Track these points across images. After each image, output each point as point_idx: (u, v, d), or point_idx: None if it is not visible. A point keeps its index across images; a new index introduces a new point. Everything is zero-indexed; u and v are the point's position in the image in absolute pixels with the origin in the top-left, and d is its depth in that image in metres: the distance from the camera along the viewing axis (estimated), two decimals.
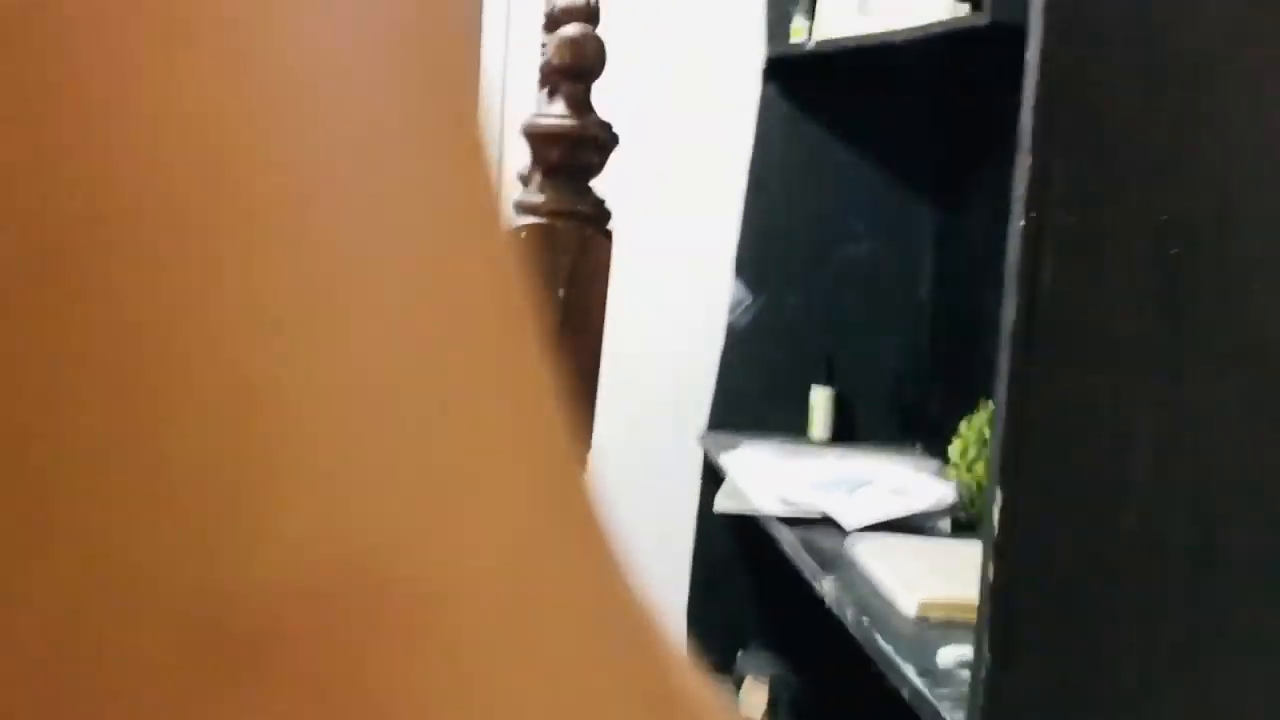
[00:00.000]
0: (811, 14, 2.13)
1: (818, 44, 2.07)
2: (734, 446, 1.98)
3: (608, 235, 0.69)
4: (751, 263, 2.20)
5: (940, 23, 1.86)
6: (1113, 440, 0.83)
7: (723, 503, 1.58)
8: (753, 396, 2.19)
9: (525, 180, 1.15)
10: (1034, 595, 0.84)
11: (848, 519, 1.46)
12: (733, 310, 2.20)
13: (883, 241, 2.19)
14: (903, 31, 1.92)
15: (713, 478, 2.12)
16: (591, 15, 0.83)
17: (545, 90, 0.86)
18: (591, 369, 0.69)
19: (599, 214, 0.69)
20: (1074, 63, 0.79)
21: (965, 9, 1.85)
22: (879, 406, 2.19)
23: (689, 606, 2.18)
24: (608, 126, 0.70)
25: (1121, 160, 0.79)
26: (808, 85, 2.20)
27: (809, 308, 2.19)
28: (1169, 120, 0.80)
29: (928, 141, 2.15)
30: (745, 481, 1.63)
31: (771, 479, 1.63)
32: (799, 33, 2.14)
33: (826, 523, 1.50)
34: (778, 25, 2.18)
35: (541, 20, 0.96)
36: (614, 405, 0.84)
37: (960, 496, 1.54)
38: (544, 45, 1.01)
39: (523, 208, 0.69)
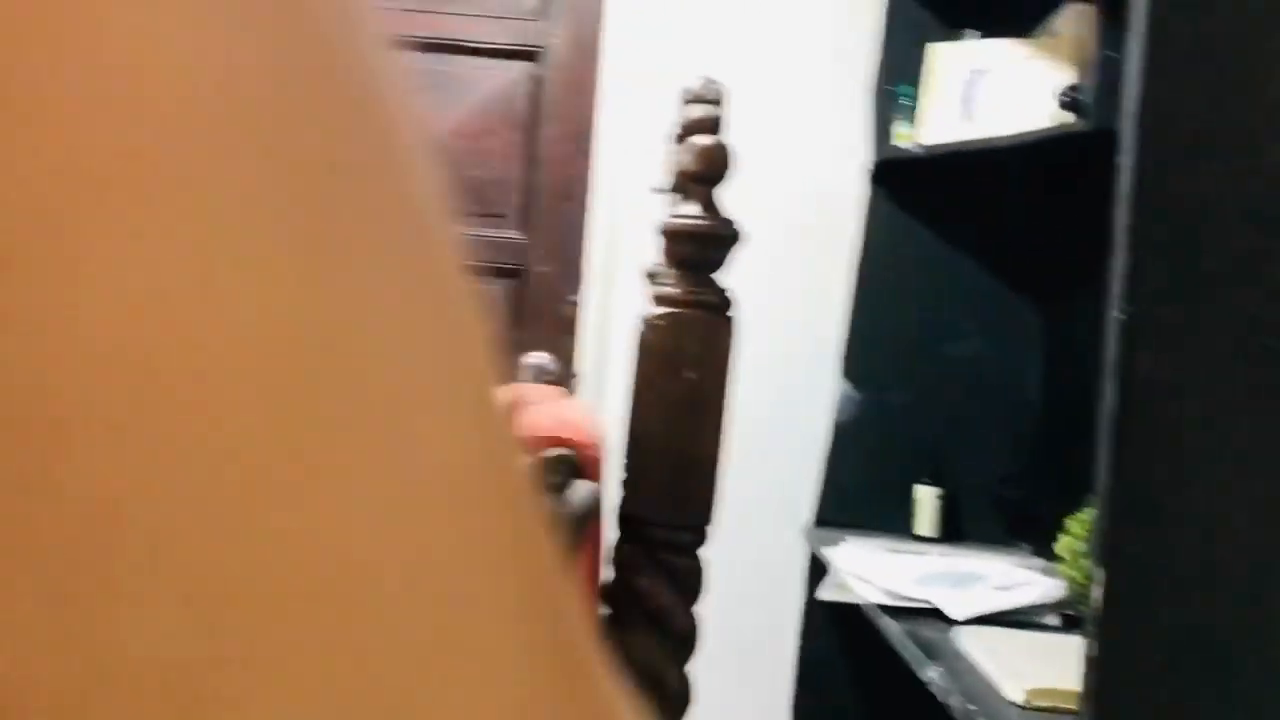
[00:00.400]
0: (916, 120, 2.20)
1: (923, 148, 2.14)
2: (836, 542, 2.01)
3: (731, 322, 0.76)
4: (858, 361, 2.25)
5: (1043, 130, 1.92)
6: (1209, 526, 0.85)
7: (827, 593, 1.61)
8: (858, 493, 2.22)
9: (653, 276, 1.23)
10: (1135, 674, 0.87)
11: (954, 610, 1.48)
12: (839, 408, 2.24)
13: (989, 340, 2.22)
14: (1007, 137, 1.99)
15: (817, 572, 2.14)
16: (716, 127, 0.91)
17: (675, 191, 0.94)
18: (715, 450, 0.75)
19: (724, 303, 0.76)
20: (1166, 166, 0.85)
21: (1068, 116, 1.91)
22: (985, 505, 2.19)
23: (795, 698, 2.20)
24: (731, 224, 0.77)
25: (1213, 257, 0.84)
26: (912, 188, 2.26)
27: (915, 406, 2.23)
28: (1258, 219, 0.85)
29: (1032, 241, 2.19)
30: (850, 573, 1.66)
31: (876, 572, 1.66)
32: (904, 138, 2.21)
33: (932, 614, 1.52)
34: (883, 131, 2.26)
35: (674, 130, 1.05)
36: (721, 497, 0.90)
37: (1068, 593, 1.55)
38: (673, 152, 1.10)
39: (657, 299, 0.77)
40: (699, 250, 0.77)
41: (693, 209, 0.77)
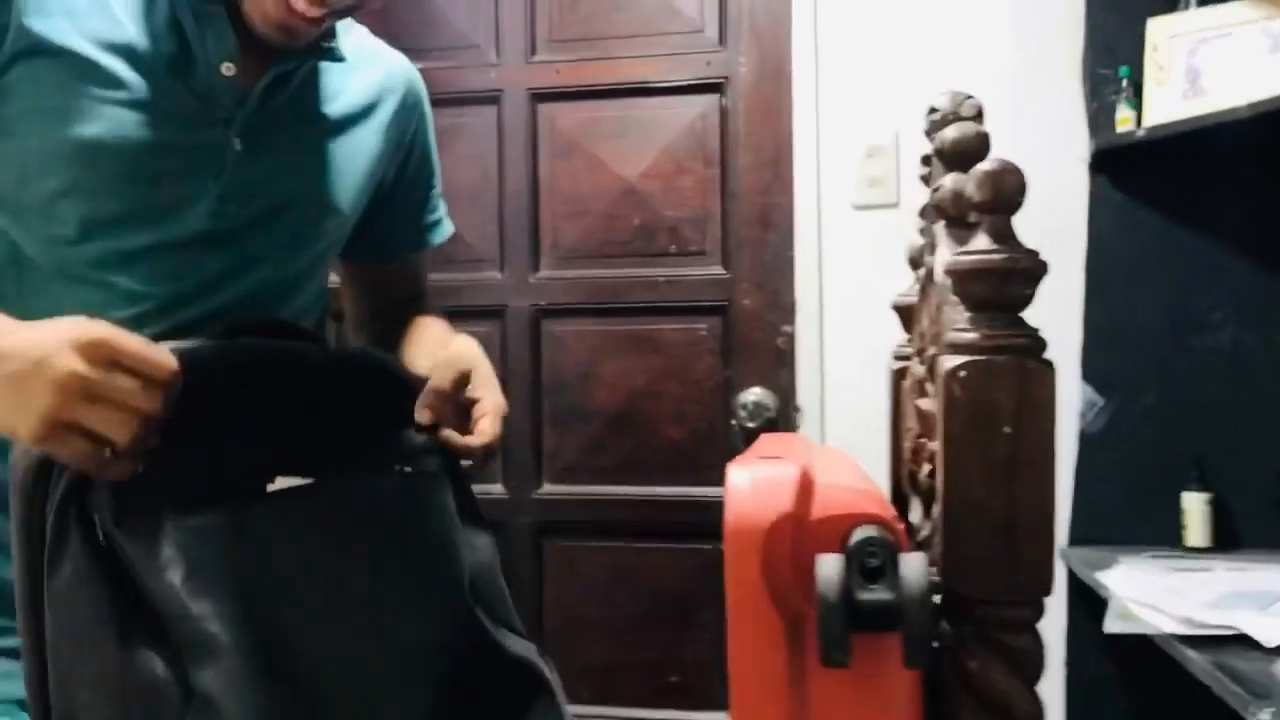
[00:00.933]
0: (1137, 102, 2.05)
1: (1149, 130, 1.99)
2: (1105, 563, 1.86)
3: (1049, 366, 0.68)
4: (1099, 364, 2.09)
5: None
6: None
7: (1115, 624, 1.48)
8: (1116, 506, 2.07)
9: (902, 310, 1.15)
10: None
11: (1267, 636, 1.33)
12: (1084, 416, 2.09)
13: (1244, 328, 2.03)
14: (1244, 108, 1.82)
15: (1079, 595, 2.00)
16: (984, 147, 0.83)
17: (942, 224, 0.86)
18: (1044, 510, 0.67)
19: (1036, 345, 0.68)
20: None
21: None
22: (1262, 507, 2.00)
23: None
24: (1035, 255, 0.69)
25: None
26: (1139, 174, 2.10)
27: (1169, 407, 2.06)
28: None
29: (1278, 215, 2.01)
30: (1133, 600, 1.53)
31: (1164, 597, 1.52)
32: (1125, 121, 2.06)
33: (1237, 642, 1.37)
34: (1101, 116, 2.11)
35: (927, 155, 0.97)
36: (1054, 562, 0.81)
37: None
38: (925, 178, 1.02)
39: (956, 346, 0.69)
40: (998, 289, 0.69)
41: (984, 243, 0.69)
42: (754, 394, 2.26)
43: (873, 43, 2.23)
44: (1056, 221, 2.11)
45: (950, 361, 0.68)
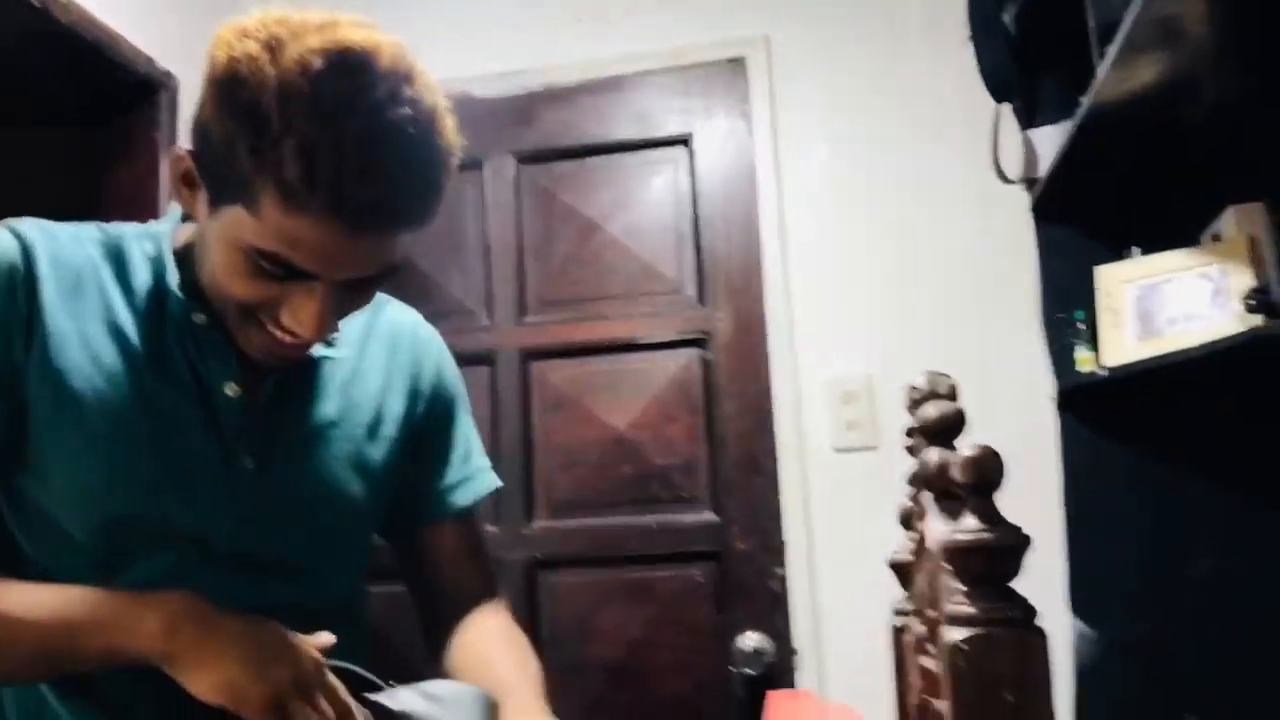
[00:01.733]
0: (1095, 343, 2.18)
1: (1109, 370, 2.11)
2: None
3: (1041, 634, 0.74)
4: (1088, 597, 2.14)
5: (1234, 335, 1.87)
6: None
7: None
8: None
9: (898, 567, 1.21)
10: None
11: None
12: (1079, 650, 2.12)
13: (1226, 556, 2.09)
14: (1196, 349, 1.94)
15: None
16: (961, 423, 0.92)
17: (929, 495, 0.93)
18: None
19: (1028, 615, 0.74)
20: None
21: (1257, 318, 1.86)
22: None
23: None
24: (1018, 531, 0.76)
25: None
26: (1105, 411, 2.21)
27: (1160, 636, 2.09)
28: None
29: (1251, 449, 2.10)
30: None
31: None
32: (1085, 362, 2.18)
33: None
34: (1062, 357, 2.24)
35: (912, 428, 1.05)
36: None
37: None
38: (910, 449, 1.10)
39: (956, 619, 0.75)
40: (990, 565, 0.75)
41: (973, 523, 0.77)
42: (751, 639, 2.28)
43: (841, 295, 2.38)
44: (1032, 460, 2.21)
45: (953, 635, 0.74)
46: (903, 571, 1.22)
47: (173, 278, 1.02)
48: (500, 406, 2.49)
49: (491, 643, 1.15)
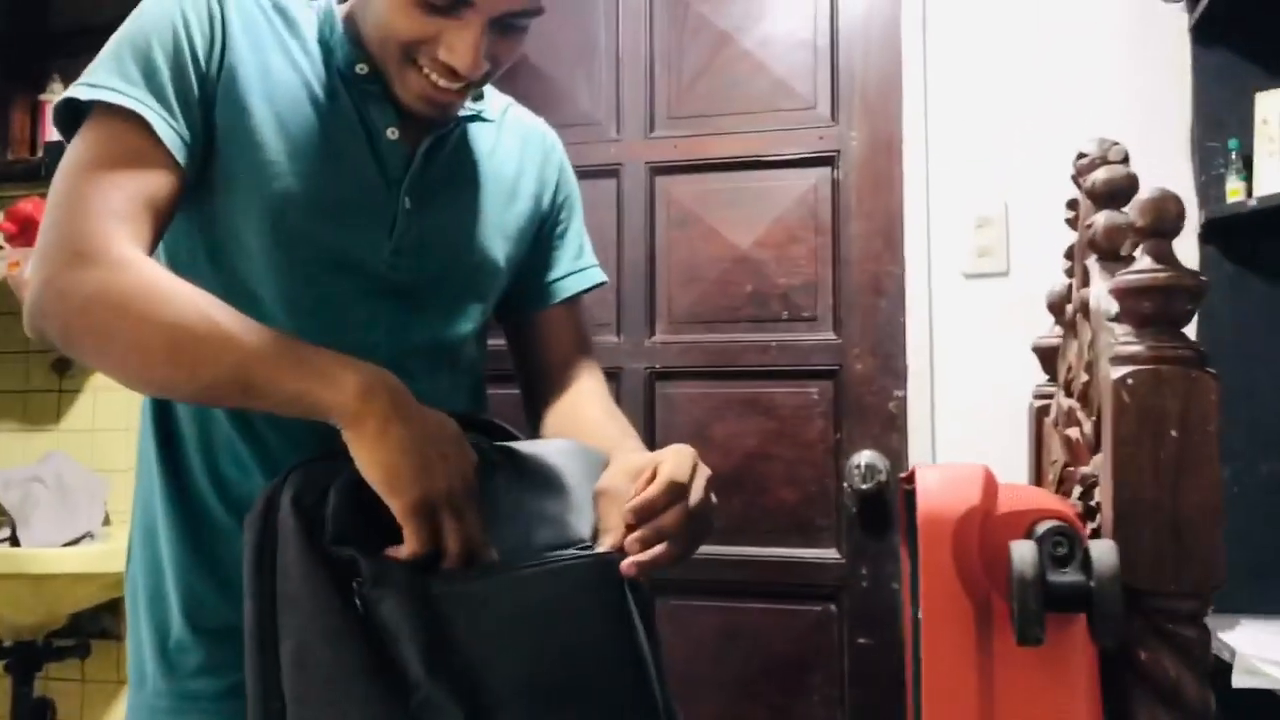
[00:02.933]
0: (1247, 174, 2.09)
1: (1260, 200, 2.02)
2: (1229, 626, 1.86)
3: (1212, 375, 0.73)
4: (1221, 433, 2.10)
5: None
6: None
7: (1243, 679, 1.49)
8: (1240, 574, 2.03)
9: (1042, 354, 1.20)
10: None
11: None
12: None
13: None
14: None
15: None
16: (1134, 186, 0.90)
17: (1094, 259, 0.92)
18: (1211, 511, 0.72)
19: (1200, 357, 0.74)
20: None
21: None
22: None
23: None
24: (1197, 275, 0.75)
25: None
26: (1249, 244, 2.13)
27: None
28: None
29: None
30: (1262, 659, 1.53)
31: None
32: (1235, 193, 2.10)
33: None
34: (1210, 188, 2.15)
35: (1072, 199, 1.03)
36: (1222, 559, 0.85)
37: None
38: (1072, 219, 1.08)
39: (1122, 359, 0.75)
40: (1164, 305, 0.74)
41: (1148, 263, 0.75)
42: (865, 456, 2.30)
43: (981, 117, 2.31)
44: None
45: (1118, 371, 0.74)
46: (1048, 355, 1.21)
47: (338, 28, 1.09)
48: (625, 220, 2.50)
49: (593, 404, 1.22)
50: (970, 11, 2.34)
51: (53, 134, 2.83)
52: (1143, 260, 0.76)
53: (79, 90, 0.97)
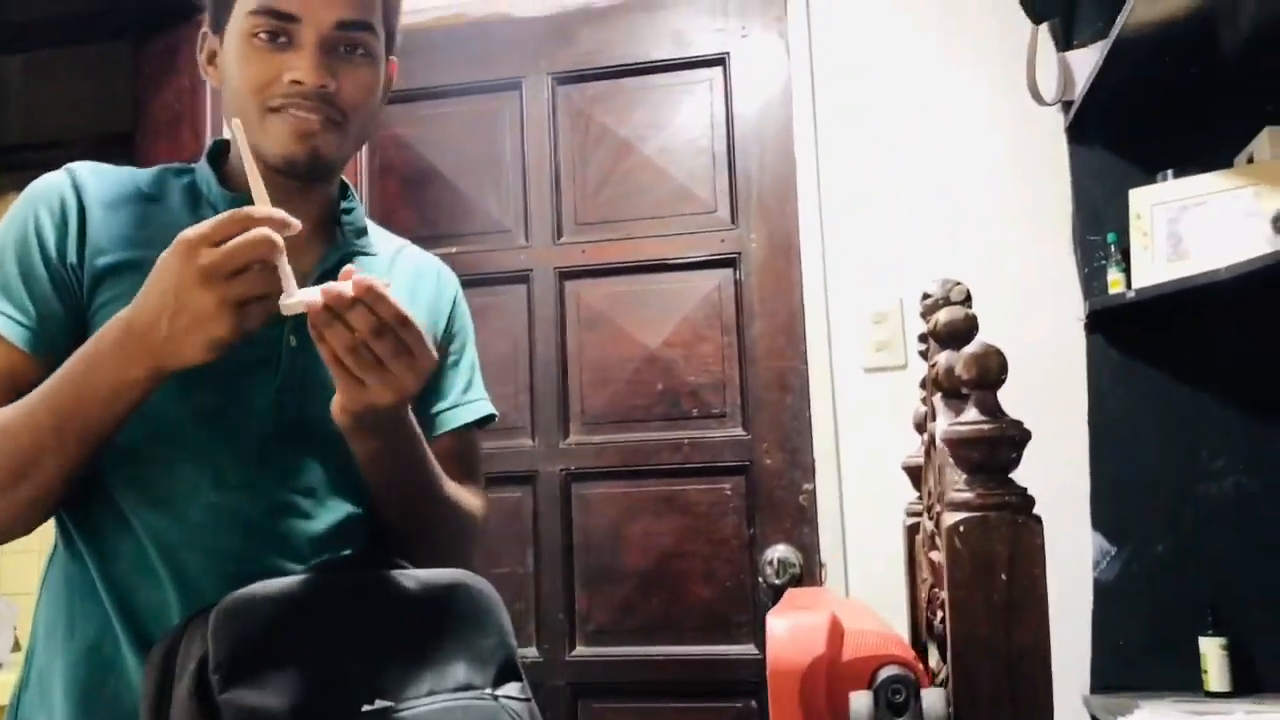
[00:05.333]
0: (1125, 265, 2.19)
1: (1138, 292, 2.12)
2: (1127, 709, 1.91)
3: (1037, 520, 0.78)
4: (1108, 514, 2.18)
5: (1263, 256, 1.88)
6: None
7: None
8: (1135, 652, 2.13)
9: (911, 471, 1.26)
10: None
11: None
12: (1097, 564, 2.17)
13: (1246, 475, 2.13)
14: (1225, 270, 1.95)
15: None
16: (972, 329, 0.96)
17: (939, 396, 0.98)
18: (1040, 647, 0.77)
19: (1025, 502, 0.79)
20: None
21: None
22: (1278, 651, 2.06)
23: None
24: (1019, 425, 0.80)
25: None
26: (1133, 332, 2.23)
27: (1180, 554, 2.14)
28: None
29: (1274, 368, 2.12)
30: None
31: None
32: (1116, 284, 2.20)
33: None
34: (1093, 279, 2.26)
35: (924, 333, 1.09)
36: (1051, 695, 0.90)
37: None
38: (923, 353, 1.14)
39: (955, 505, 0.80)
40: (990, 454, 0.80)
41: (974, 415, 0.81)
42: (779, 550, 2.34)
43: (874, 216, 2.40)
44: (1060, 379, 2.24)
45: (951, 518, 0.79)
46: (914, 474, 1.27)
47: (214, 185, 1.15)
48: (535, 324, 2.55)
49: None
50: (860, 114, 2.44)
51: None
52: (969, 412, 0.81)
53: None
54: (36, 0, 2.89)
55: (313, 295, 0.91)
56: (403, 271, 1.26)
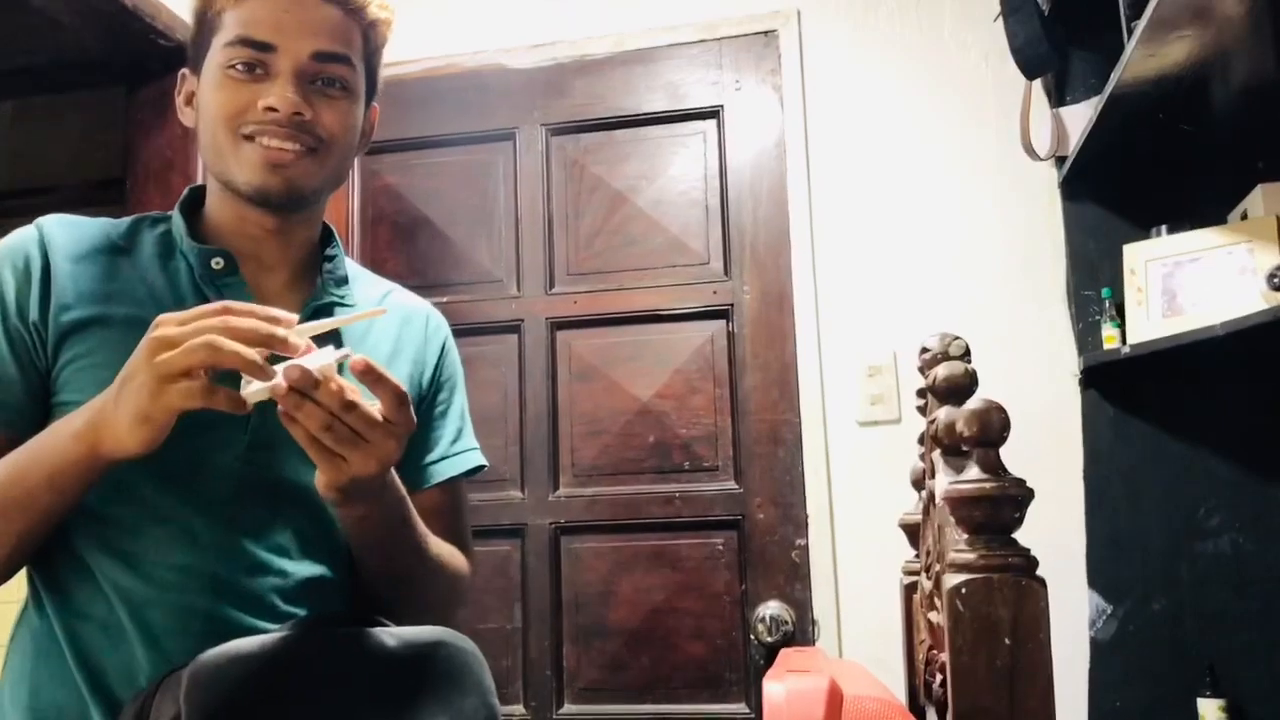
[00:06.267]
0: (1120, 321, 2.18)
1: (1133, 348, 2.11)
2: None
3: (1041, 583, 0.76)
4: (1105, 572, 2.15)
5: (1258, 313, 1.87)
6: None
7: None
8: (1133, 713, 2.09)
9: (909, 529, 1.23)
10: None
11: None
12: (1093, 623, 2.14)
13: (1244, 532, 2.10)
14: (1220, 326, 1.94)
15: None
16: (972, 384, 0.94)
17: (938, 453, 0.95)
18: (1046, 710, 0.74)
19: (1029, 563, 0.76)
20: None
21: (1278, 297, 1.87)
22: (1278, 712, 2.02)
23: None
24: (1022, 483, 0.78)
25: None
26: (1128, 388, 2.22)
27: (1177, 613, 2.11)
28: None
29: (1275, 425, 2.10)
30: None
31: None
32: (1111, 340, 2.19)
33: None
34: (1088, 335, 2.25)
35: (922, 388, 1.07)
36: None
37: None
38: (921, 409, 1.12)
39: (957, 566, 0.77)
40: (993, 513, 0.77)
41: (976, 473, 0.79)
42: (771, 608, 2.30)
43: (868, 269, 2.39)
44: (1055, 435, 2.22)
45: (953, 579, 0.77)
46: (912, 532, 1.24)
47: (185, 235, 1.14)
48: (526, 375, 2.53)
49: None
50: (854, 168, 2.44)
51: None
52: (971, 470, 0.79)
53: None
54: (29, 47, 2.89)
55: (275, 381, 0.88)
56: (389, 316, 1.23)
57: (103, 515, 1.02)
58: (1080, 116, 2.23)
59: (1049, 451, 2.22)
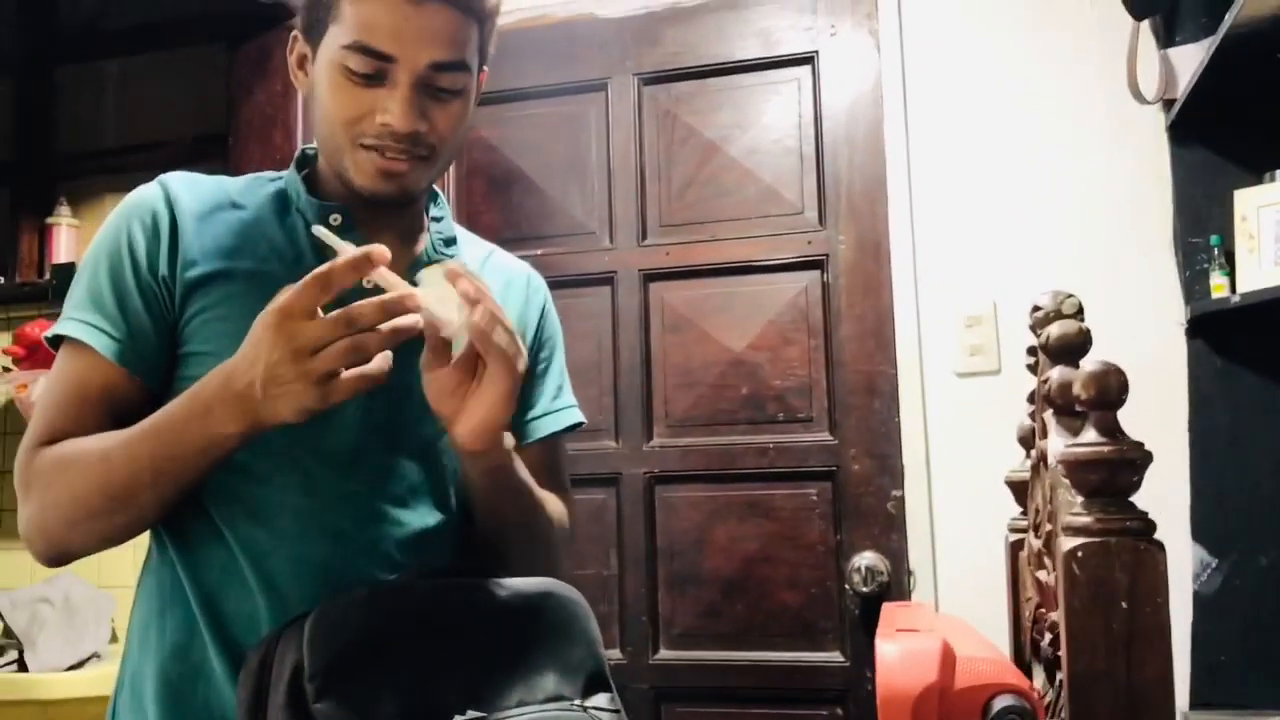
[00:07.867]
0: (1230, 269, 2.12)
1: (1243, 296, 2.05)
2: None
3: (1160, 547, 0.75)
4: (1210, 525, 2.11)
5: None
6: None
7: None
8: (1237, 669, 2.05)
9: (1013, 485, 1.22)
10: None
11: None
12: (1197, 578, 2.10)
13: None
14: None
15: None
16: (1085, 343, 0.92)
17: (1050, 413, 0.95)
18: (1164, 682, 0.74)
19: (1147, 527, 0.76)
20: None
21: None
22: None
23: None
24: (1140, 447, 0.77)
25: None
26: (1236, 338, 2.16)
27: None
28: None
29: None
30: None
31: None
32: (1219, 288, 2.13)
33: None
34: (1195, 283, 2.19)
35: (1033, 346, 1.06)
36: None
37: None
38: (1032, 367, 1.11)
39: (1073, 529, 0.77)
40: (1110, 477, 0.77)
41: (1093, 436, 0.78)
42: (866, 558, 2.31)
43: (967, 217, 2.35)
44: (1158, 385, 2.17)
45: (1068, 543, 0.76)
46: (1019, 489, 1.23)
47: (303, 192, 1.16)
48: (620, 327, 2.54)
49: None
50: (953, 114, 2.39)
51: (59, 256, 2.90)
52: (1088, 433, 0.78)
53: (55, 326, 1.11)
54: (132, 7, 2.96)
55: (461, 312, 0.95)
56: (491, 278, 1.25)
57: (227, 464, 1.06)
58: (1190, 58, 2.16)
59: (1152, 401, 2.17)
